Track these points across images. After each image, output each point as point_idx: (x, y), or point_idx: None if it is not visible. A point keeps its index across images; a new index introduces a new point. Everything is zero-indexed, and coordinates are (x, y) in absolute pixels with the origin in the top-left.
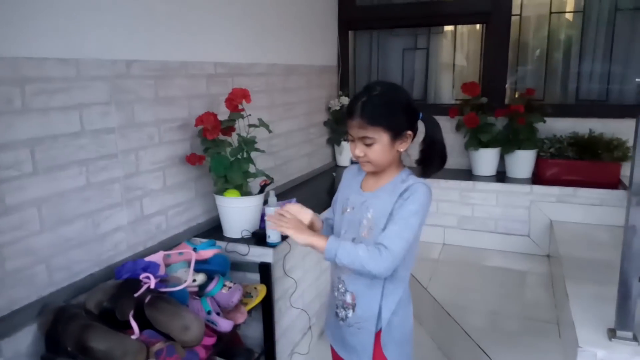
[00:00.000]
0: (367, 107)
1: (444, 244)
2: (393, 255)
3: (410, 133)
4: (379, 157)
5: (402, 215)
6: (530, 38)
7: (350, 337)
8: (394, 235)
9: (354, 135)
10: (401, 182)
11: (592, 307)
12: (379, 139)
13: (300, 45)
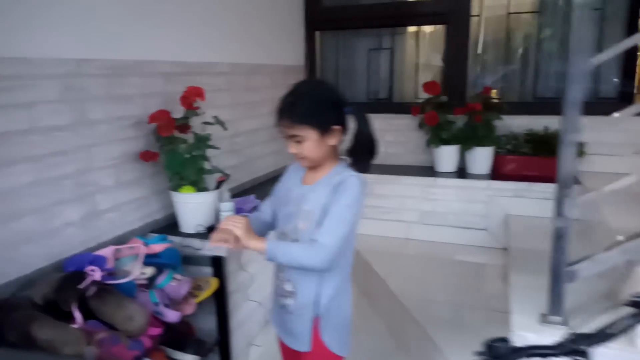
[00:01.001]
0: (293, 106)
1: (406, 239)
2: (327, 248)
3: (338, 128)
4: (312, 152)
5: (335, 209)
6: (490, 38)
7: (291, 324)
8: (328, 230)
9: (284, 135)
10: (336, 175)
11: (532, 295)
12: (308, 136)
13: (265, 45)
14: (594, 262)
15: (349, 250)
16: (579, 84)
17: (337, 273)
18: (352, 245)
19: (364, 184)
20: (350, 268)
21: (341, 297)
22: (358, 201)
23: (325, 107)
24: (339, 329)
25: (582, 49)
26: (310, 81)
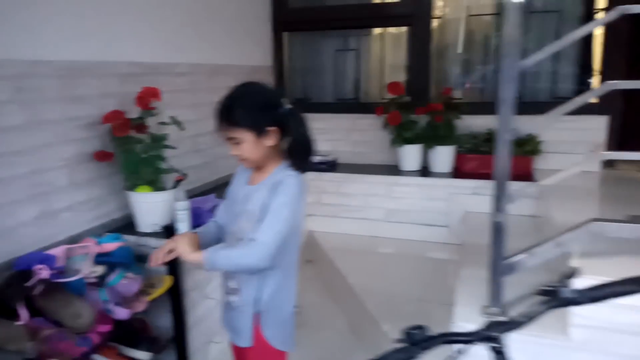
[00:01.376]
0: (228, 109)
1: (372, 236)
2: (264, 246)
3: (273, 129)
4: (250, 154)
5: (272, 207)
6: (451, 39)
7: (235, 321)
8: (265, 228)
9: (223, 137)
10: (277, 175)
11: (477, 288)
12: (243, 138)
13: (230, 46)
14: (530, 255)
15: (291, 247)
16: (510, 85)
17: (279, 270)
18: (296, 243)
19: (302, 183)
20: (294, 265)
21: (283, 294)
22: (295, 199)
23: (259, 109)
24: (281, 325)
25: (513, 52)
26: (247, 84)
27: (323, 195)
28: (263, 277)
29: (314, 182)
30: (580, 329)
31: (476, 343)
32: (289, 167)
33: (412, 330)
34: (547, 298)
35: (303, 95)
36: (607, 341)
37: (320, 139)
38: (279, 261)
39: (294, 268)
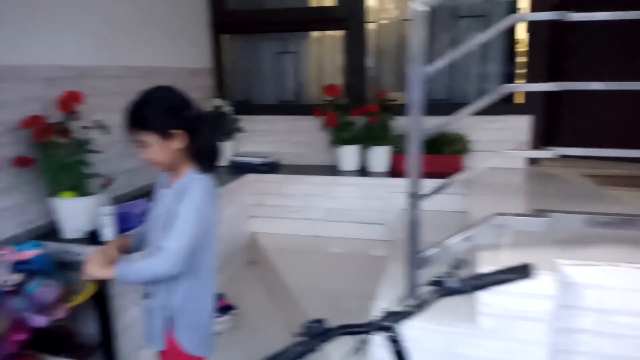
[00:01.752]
0: (133, 112)
1: (312, 236)
2: (171, 253)
3: (180, 132)
4: (158, 157)
5: (180, 213)
6: (386, 43)
7: (148, 325)
8: (172, 234)
9: (131, 140)
10: (187, 180)
11: (398, 282)
12: (149, 141)
13: (166, 48)
14: (442, 249)
15: (204, 251)
16: (418, 89)
17: (191, 274)
18: (209, 247)
19: (210, 186)
20: (209, 269)
21: (196, 298)
22: (203, 203)
23: (165, 112)
24: (195, 329)
25: (419, 57)
26: (155, 87)
27: (265, 197)
28: (173, 282)
29: (255, 183)
30: (487, 317)
31: (372, 333)
32: (197, 171)
33: (311, 324)
34: (435, 288)
35: (244, 98)
36: (511, 328)
37: (261, 141)
38: (191, 266)
39: (209, 272)
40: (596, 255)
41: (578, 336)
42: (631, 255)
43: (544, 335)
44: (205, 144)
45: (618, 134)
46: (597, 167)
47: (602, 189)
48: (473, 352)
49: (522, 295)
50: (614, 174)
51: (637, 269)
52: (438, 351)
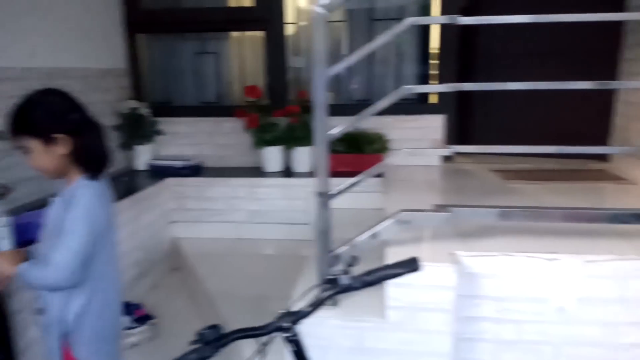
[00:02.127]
0: (14, 117)
1: (237, 238)
2: (59, 266)
3: (62, 136)
4: (41, 164)
5: (67, 224)
6: (307, 44)
7: (45, 341)
8: (60, 247)
9: (14, 146)
10: (74, 187)
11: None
12: (31, 146)
13: (73, 48)
14: (352, 246)
15: (100, 261)
16: (322, 90)
17: (87, 286)
18: (106, 255)
19: (98, 193)
20: (109, 279)
21: (95, 311)
22: (92, 211)
23: (45, 115)
24: (96, 344)
25: (322, 60)
26: (39, 90)
27: (186, 201)
28: (67, 296)
29: (176, 187)
30: (394, 310)
31: (270, 335)
32: (86, 177)
33: (205, 331)
34: (330, 286)
35: (163, 99)
36: (417, 319)
37: (183, 144)
38: (86, 277)
39: (109, 282)
40: (495, 246)
41: (480, 324)
42: (525, 244)
43: (447, 324)
44: (91, 148)
45: (526, 131)
46: (505, 163)
47: (507, 183)
48: (381, 345)
49: (425, 287)
50: (519, 169)
51: (530, 257)
52: (349, 347)
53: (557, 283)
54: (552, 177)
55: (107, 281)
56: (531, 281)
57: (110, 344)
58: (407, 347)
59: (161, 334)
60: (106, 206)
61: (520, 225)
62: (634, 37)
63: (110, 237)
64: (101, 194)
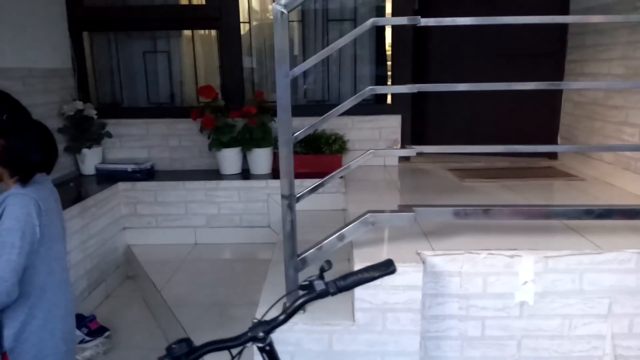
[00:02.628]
0: None
1: (195, 244)
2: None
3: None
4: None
5: (1, 236)
6: (263, 44)
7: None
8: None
9: None
10: (4, 196)
11: (281, 285)
12: None
13: (12, 47)
14: (319, 249)
15: (42, 274)
16: (284, 90)
17: (27, 301)
18: (48, 268)
19: (28, 198)
20: (52, 293)
21: (37, 326)
22: (22, 221)
23: None
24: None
25: (284, 61)
26: None
27: (139, 206)
28: (3, 312)
29: (127, 192)
30: (362, 312)
31: (243, 345)
32: (21, 186)
33: (174, 345)
34: (305, 292)
35: (112, 100)
36: (384, 320)
37: (134, 146)
38: (24, 292)
39: (53, 294)
40: (458, 244)
41: (445, 322)
42: (487, 242)
43: (416, 324)
44: (19, 151)
45: (478, 131)
46: (459, 162)
47: (463, 182)
48: (351, 348)
49: (393, 287)
50: (473, 167)
51: (492, 255)
52: (318, 351)
53: (519, 279)
54: (505, 174)
55: (51, 293)
56: (494, 278)
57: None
58: (376, 348)
59: (117, 347)
60: (44, 214)
61: (481, 223)
62: (576, 39)
63: (52, 246)
64: (30, 201)
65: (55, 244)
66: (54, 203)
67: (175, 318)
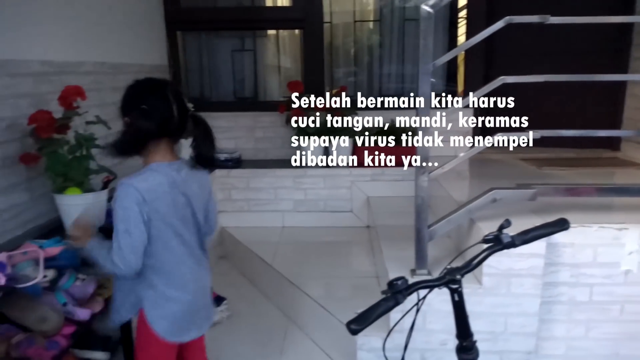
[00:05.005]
0: None
1: (283, 227)
2: (115, 256)
3: (126, 119)
4: None
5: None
6: (341, 43)
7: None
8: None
9: None
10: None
11: (400, 258)
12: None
13: (127, 44)
14: (447, 221)
15: (155, 253)
16: (426, 80)
17: (149, 273)
18: (162, 245)
19: (130, 188)
20: (167, 266)
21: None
22: (121, 207)
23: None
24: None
25: (427, 54)
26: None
27: (233, 192)
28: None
29: (222, 179)
30: (489, 277)
31: (443, 286)
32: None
33: (394, 281)
34: (490, 244)
35: (200, 95)
36: (510, 284)
37: (222, 137)
38: (148, 264)
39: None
40: (568, 219)
41: (558, 288)
42: (595, 218)
43: (536, 288)
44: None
45: (543, 126)
46: (525, 153)
47: (541, 169)
48: (476, 309)
49: (517, 255)
50: (544, 157)
51: (603, 227)
52: (447, 311)
53: (625, 249)
54: (577, 164)
55: (170, 266)
56: (603, 249)
57: (178, 319)
58: (500, 310)
59: (233, 315)
60: (150, 202)
61: (586, 201)
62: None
63: (167, 227)
64: (129, 192)
65: (169, 228)
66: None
67: (298, 288)
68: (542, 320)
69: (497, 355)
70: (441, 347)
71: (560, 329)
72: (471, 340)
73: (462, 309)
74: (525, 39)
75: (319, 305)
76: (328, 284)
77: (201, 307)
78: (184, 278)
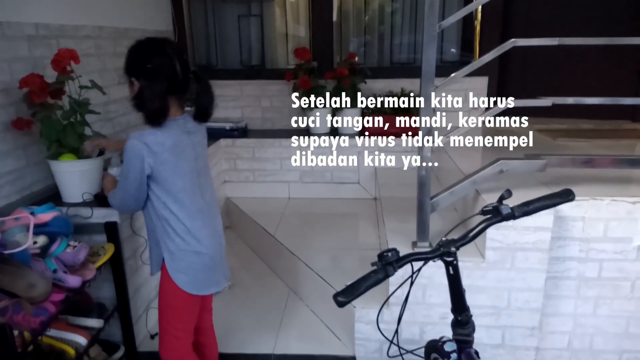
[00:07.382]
0: None
1: (289, 198)
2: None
3: (132, 80)
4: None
5: None
6: (352, 10)
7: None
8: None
9: None
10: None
11: (403, 230)
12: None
13: (130, 8)
14: (451, 193)
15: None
16: (431, 44)
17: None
18: (172, 198)
19: (138, 142)
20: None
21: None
22: (128, 160)
23: (127, 56)
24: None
25: (433, 14)
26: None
27: (238, 162)
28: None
29: (228, 148)
30: (493, 251)
31: (437, 258)
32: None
33: (385, 252)
34: (489, 216)
35: (206, 62)
36: (515, 258)
37: (229, 106)
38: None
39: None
40: (579, 192)
41: (566, 263)
42: (607, 191)
43: (542, 262)
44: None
45: (562, 94)
46: (542, 124)
47: (556, 141)
48: (479, 283)
49: (524, 228)
50: (561, 128)
51: (615, 201)
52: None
53: (638, 224)
54: (594, 135)
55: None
56: (615, 223)
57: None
58: (504, 284)
59: (236, 284)
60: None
61: (602, 173)
62: None
63: (176, 181)
64: (146, 144)
65: (180, 178)
66: (183, 142)
67: (299, 259)
68: (549, 296)
69: (499, 330)
70: (441, 321)
71: (567, 306)
72: (467, 315)
73: (457, 283)
74: (543, 5)
75: (319, 276)
76: (332, 256)
77: (218, 261)
78: (200, 232)
